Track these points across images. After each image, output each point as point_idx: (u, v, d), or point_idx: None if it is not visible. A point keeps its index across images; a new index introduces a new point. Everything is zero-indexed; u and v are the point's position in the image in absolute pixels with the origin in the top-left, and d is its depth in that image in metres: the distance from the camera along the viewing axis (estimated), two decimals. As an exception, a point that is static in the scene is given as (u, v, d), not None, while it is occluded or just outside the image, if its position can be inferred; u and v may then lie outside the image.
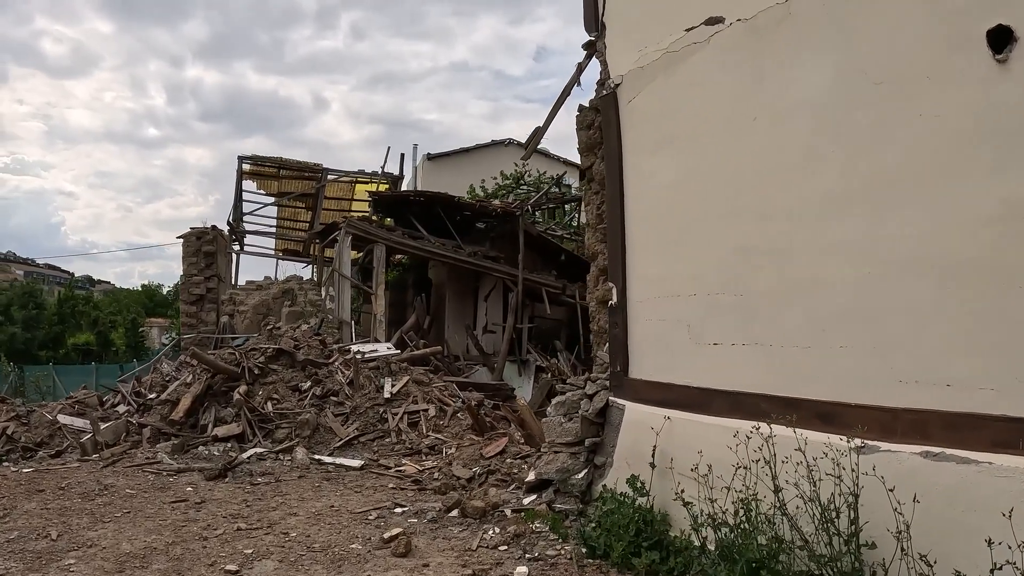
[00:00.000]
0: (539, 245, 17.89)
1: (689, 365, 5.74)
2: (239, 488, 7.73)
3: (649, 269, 6.16)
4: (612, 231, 6.57)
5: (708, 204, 5.69)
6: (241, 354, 11.38)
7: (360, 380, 10.87)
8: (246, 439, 9.99)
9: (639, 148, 6.46)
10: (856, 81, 4.79)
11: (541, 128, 8.11)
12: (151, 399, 11.69)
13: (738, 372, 5.37)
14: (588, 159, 7.44)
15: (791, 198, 5.11)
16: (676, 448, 5.58)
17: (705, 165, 5.76)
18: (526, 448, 8.47)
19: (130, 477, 8.29)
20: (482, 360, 16.26)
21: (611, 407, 6.34)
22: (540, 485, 6.52)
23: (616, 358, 6.38)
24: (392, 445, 9.75)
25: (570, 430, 6.36)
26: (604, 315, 6.76)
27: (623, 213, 6.46)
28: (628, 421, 6.15)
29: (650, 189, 6.27)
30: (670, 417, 5.67)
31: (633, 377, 6.24)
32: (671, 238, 5.99)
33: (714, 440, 5.27)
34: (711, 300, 5.59)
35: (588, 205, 7.35)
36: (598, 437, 6.39)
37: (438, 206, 16.88)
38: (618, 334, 6.35)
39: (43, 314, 44.21)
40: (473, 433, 9.70)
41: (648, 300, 6.15)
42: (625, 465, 6.09)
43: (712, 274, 5.59)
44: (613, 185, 6.61)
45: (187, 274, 17.43)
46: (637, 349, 6.24)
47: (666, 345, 5.95)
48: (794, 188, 5.11)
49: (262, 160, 19.23)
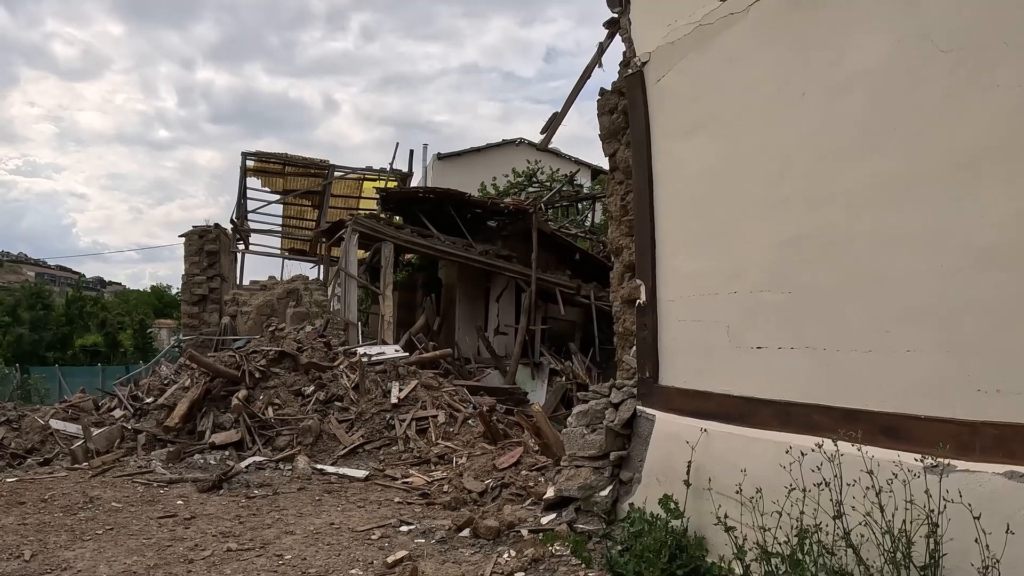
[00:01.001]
0: (553, 244, 17.30)
1: (729, 371, 5.14)
2: (233, 501, 7.17)
3: (682, 264, 5.56)
4: (640, 223, 5.97)
5: (750, 191, 5.09)
6: (242, 357, 10.83)
7: (366, 384, 10.30)
8: (245, 446, 9.45)
9: (669, 132, 5.86)
10: (920, 49, 4.20)
11: (559, 114, 7.53)
12: (148, 403, 11.15)
13: (786, 379, 4.77)
14: (611, 146, 6.85)
15: (848, 182, 4.51)
16: (715, 464, 4.99)
17: (746, 148, 5.17)
18: (542, 459, 7.87)
19: (118, 488, 7.74)
20: (494, 363, 15.68)
21: (639, 417, 5.74)
22: (560, 503, 5.92)
23: (645, 363, 5.78)
24: (399, 453, 9.18)
25: (593, 442, 5.76)
26: (630, 315, 6.16)
27: (652, 203, 5.87)
28: (658, 433, 5.55)
29: (683, 176, 5.67)
30: (707, 429, 5.07)
31: (664, 384, 5.64)
32: (707, 230, 5.39)
33: (760, 456, 4.70)
34: (754, 298, 4.99)
35: (611, 196, 6.76)
36: (624, 450, 5.79)
37: (448, 204, 16.31)
38: (647, 336, 5.76)
39: (51, 315, 43.97)
40: (485, 441, 9.12)
41: (681, 299, 5.55)
42: (655, 482, 5.50)
43: (755, 269, 5.00)
44: (641, 173, 6.02)
45: (189, 273, 16.89)
46: (669, 353, 5.63)
47: (702, 349, 5.35)
48: (851, 171, 4.51)
49: (267, 156, 18.63)
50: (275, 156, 18.71)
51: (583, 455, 5.81)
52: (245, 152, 18.24)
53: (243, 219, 19.05)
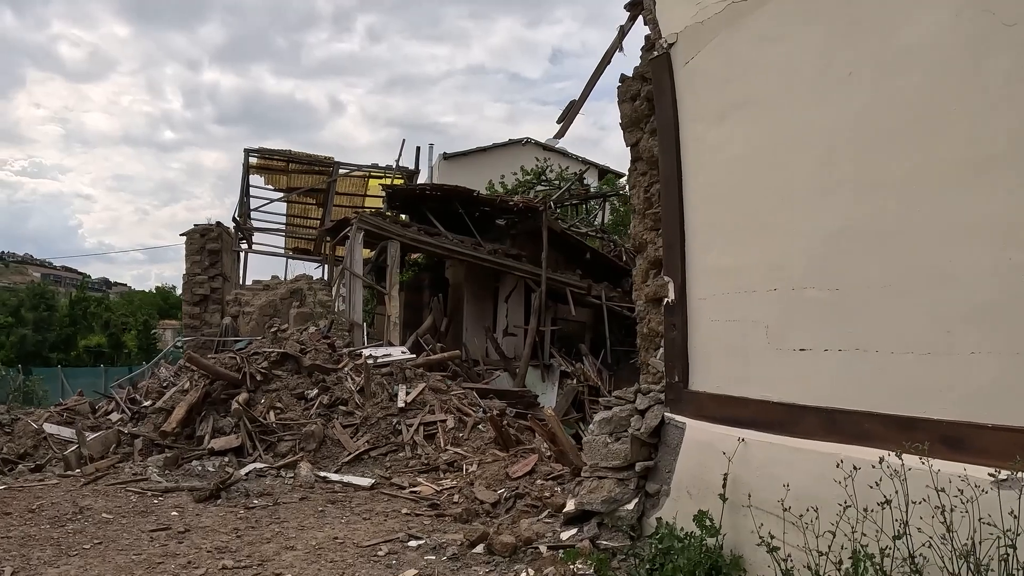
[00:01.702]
0: (563, 243, 16.86)
1: (768, 375, 4.72)
2: (231, 512, 6.76)
3: (715, 260, 5.14)
4: (668, 216, 5.55)
5: (792, 179, 4.67)
6: (243, 358, 10.43)
7: (372, 387, 9.88)
8: (245, 452, 9.04)
9: (700, 117, 5.44)
10: (982, 22, 3.80)
11: (577, 103, 7.10)
12: (146, 407, 10.76)
13: (833, 384, 4.36)
14: (633, 135, 6.43)
15: (904, 168, 4.09)
16: (754, 477, 4.56)
17: (787, 133, 4.75)
18: (557, 467, 7.45)
19: (110, 498, 7.34)
20: (503, 365, 15.24)
21: (667, 425, 5.31)
22: (581, 517, 5.50)
23: (673, 366, 5.35)
24: (406, 460, 8.76)
25: (617, 452, 5.33)
26: (657, 315, 5.74)
27: (681, 194, 5.44)
28: (689, 442, 5.12)
29: (715, 165, 5.25)
30: (744, 439, 4.64)
31: (695, 389, 5.21)
32: (743, 222, 4.96)
33: (805, 469, 4.28)
34: (797, 296, 4.57)
35: (634, 188, 6.34)
36: (651, 460, 5.36)
37: (456, 201, 15.88)
38: (676, 338, 5.33)
39: (54, 316, 43.64)
40: (496, 447, 8.69)
41: (714, 297, 5.13)
42: (686, 495, 5.07)
43: (798, 264, 4.57)
44: (668, 162, 5.60)
45: (190, 273, 16.47)
46: (700, 356, 5.21)
47: (738, 351, 4.92)
48: (908, 155, 4.09)
49: (270, 153, 18.18)
50: (278, 153, 18.25)
51: (606, 465, 5.38)
52: (248, 149, 17.81)
53: (246, 217, 18.61)
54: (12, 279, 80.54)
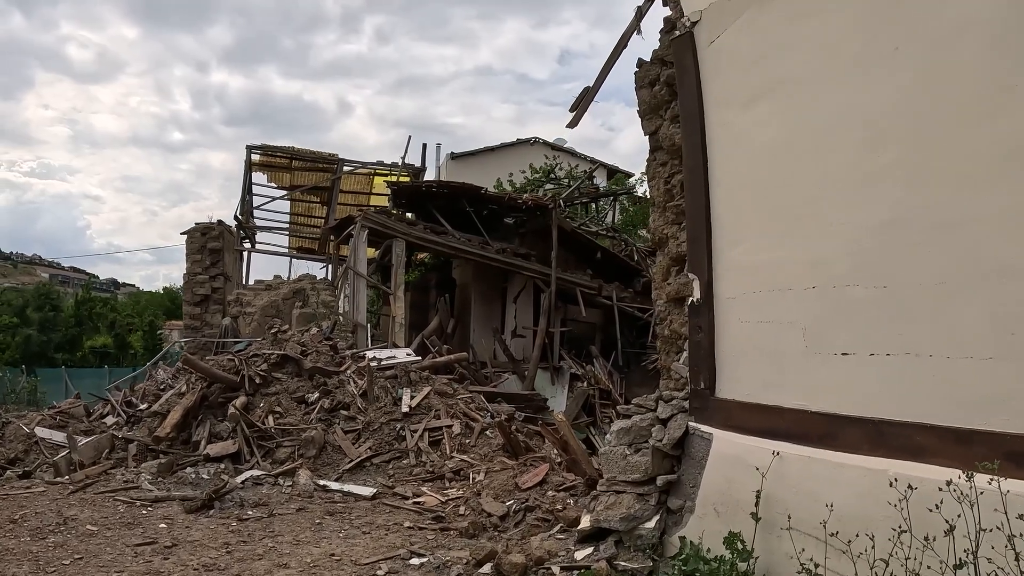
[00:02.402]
0: (572, 242, 16.42)
1: (805, 382, 4.29)
2: (223, 524, 6.36)
3: (745, 255, 4.70)
4: (693, 208, 5.12)
5: (832, 167, 4.24)
6: (241, 360, 10.04)
7: (375, 391, 9.48)
8: (242, 459, 8.64)
9: (727, 101, 5.01)
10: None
11: (591, 89, 6.68)
12: (141, 410, 10.38)
13: (880, 392, 3.93)
14: (652, 123, 6.00)
15: (960, 152, 3.67)
16: (791, 495, 4.13)
17: (826, 116, 4.32)
18: (570, 476, 7.03)
19: (98, 507, 6.95)
20: (511, 367, 14.81)
21: (692, 436, 4.88)
22: (597, 534, 5.07)
23: (699, 372, 4.92)
24: (410, 468, 8.35)
25: (637, 465, 4.90)
26: (679, 316, 5.31)
27: (707, 185, 5.01)
28: (717, 455, 4.69)
29: (745, 152, 4.82)
30: (780, 452, 4.22)
31: (722, 397, 4.78)
32: (777, 214, 4.53)
33: (850, 487, 3.86)
34: (839, 294, 4.14)
35: (653, 180, 5.91)
36: (673, 474, 4.93)
37: (463, 199, 15.45)
38: (702, 341, 4.90)
39: (60, 316, 43.44)
40: (505, 455, 8.27)
41: (744, 296, 4.70)
42: (712, 512, 4.64)
43: (840, 259, 4.14)
44: (693, 150, 5.17)
45: (191, 272, 16.09)
46: (729, 360, 4.77)
47: (771, 355, 4.49)
48: (964, 138, 3.67)
49: (273, 150, 17.77)
50: (281, 150, 17.83)
51: (625, 479, 4.95)
52: (250, 145, 17.38)
53: (248, 216, 18.21)
54: (20, 280, 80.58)
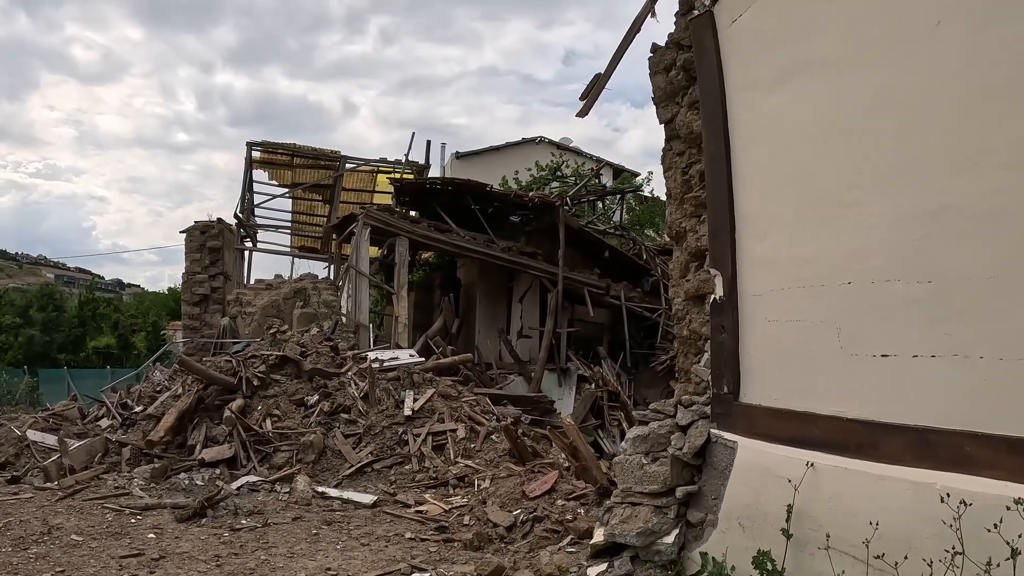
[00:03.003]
0: (580, 240, 16.07)
1: (841, 387, 3.94)
2: (215, 534, 6.02)
3: (773, 249, 4.36)
4: (714, 199, 4.77)
5: (869, 152, 3.90)
6: (239, 362, 9.71)
7: (376, 394, 9.14)
8: (239, 464, 8.32)
9: (750, 84, 4.66)
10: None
11: (603, 76, 6.33)
12: (137, 412, 10.07)
13: (925, 398, 3.58)
14: (668, 110, 5.66)
15: (1017, 132, 3.32)
16: (825, 510, 3.79)
17: (861, 96, 3.97)
18: (580, 484, 6.68)
19: (85, 515, 6.63)
20: (517, 369, 14.46)
21: (714, 444, 4.53)
22: (611, 549, 4.73)
23: (721, 375, 4.57)
24: (413, 474, 8.01)
25: (655, 475, 4.56)
26: (699, 315, 4.96)
27: (730, 174, 4.66)
28: (742, 465, 4.34)
29: (771, 137, 4.47)
30: (814, 463, 3.87)
31: (747, 402, 4.43)
32: (808, 203, 4.18)
33: (892, 501, 3.51)
34: (878, 290, 3.79)
35: (670, 170, 5.57)
36: (693, 484, 4.59)
37: (468, 197, 15.11)
38: (725, 341, 4.55)
39: (63, 317, 43.22)
40: (511, 460, 7.92)
41: (772, 293, 4.35)
42: (736, 527, 4.30)
43: (880, 252, 3.79)
44: (714, 136, 4.82)
45: (190, 272, 15.77)
46: (754, 362, 4.42)
47: (802, 357, 4.14)
48: (1018, 116, 3.32)
49: (274, 146, 17.45)
50: (282, 146, 17.49)
51: (641, 490, 4.61)
52: (250, 142, 17.07)
53: (249, 214, 17.88)
54: (25, 280, 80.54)
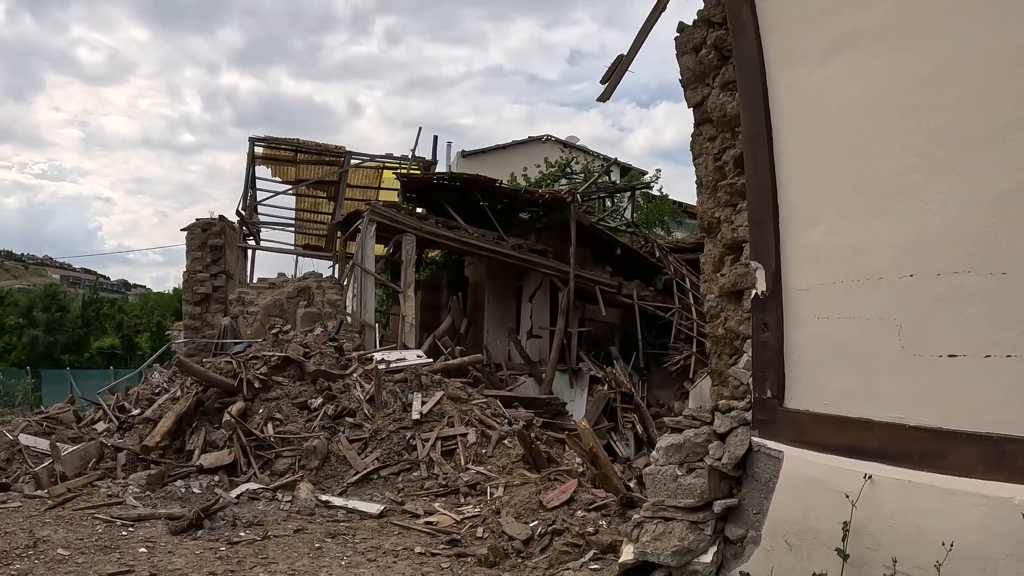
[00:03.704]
0: (591, 238, 15.65)
1: (902, 390, 3.53)
2: (211, 548, 5.63)
3: (823, 239, 3.94)
4: (756, 185, 4.36)
5: (934, 129, 3.48)
6: (240, 363, 9.33)
7: (383, 396, 8.75)
8: (239, 470, 7.93)
9: (795, 59, 4.25)
10: None
11: (625, 58, 5.92)
12: (134, 416, 9.70)
13: (999, 402, 3.19)
14: (697, 92, 5.26)
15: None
16: (886, 527, 3.38)
17: (923, 69, 3.56)
18: (600, 494, 6.27)
19: (74, 526, 6.24)
20: (528, 370, 14.06)
21: (756, 453, 4.12)
22: (642, 568, 4.32)
23: (764, 378, 4.16)
24: (421, 481, 7.62)
25: (691, 488, 4.15)
26: (737, 312, 4.55)
27: (772, 157, 4.25)
28: (789, 477, 3.93)
29: (819, 117, 4.06)
30: (872, 476, 3.46)
31: (794, 408, 4.02)
32: (864, 187, 3.77)
33: (965, 518, 3.12)
34: (945, 283, 3.38)
35: (700, 157, 5.16)
36: (732, 497, 4.18)
37: (476, 193, 14.71)
38: (768, 340, 4.14)
39: (66, 317, 42.87)
40: (525, 467, 7.52)
41: (822, 287, 3.94)
42: (783, 545, 3.89)
43: (946, 240, 3.39)
44: (753, 117, 4.41)
45: (191, 270, 15.38)
46: (802, 364, 4.01)
47: (856, 357, 3.73)
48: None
49: (277, 142, 17.05)
50: (286, 142, 17.08)
51: (675, 504, 4.20)
52: (253, 137, 16.65)
53: (252, 211, 17.47)
54: (31, 281, 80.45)
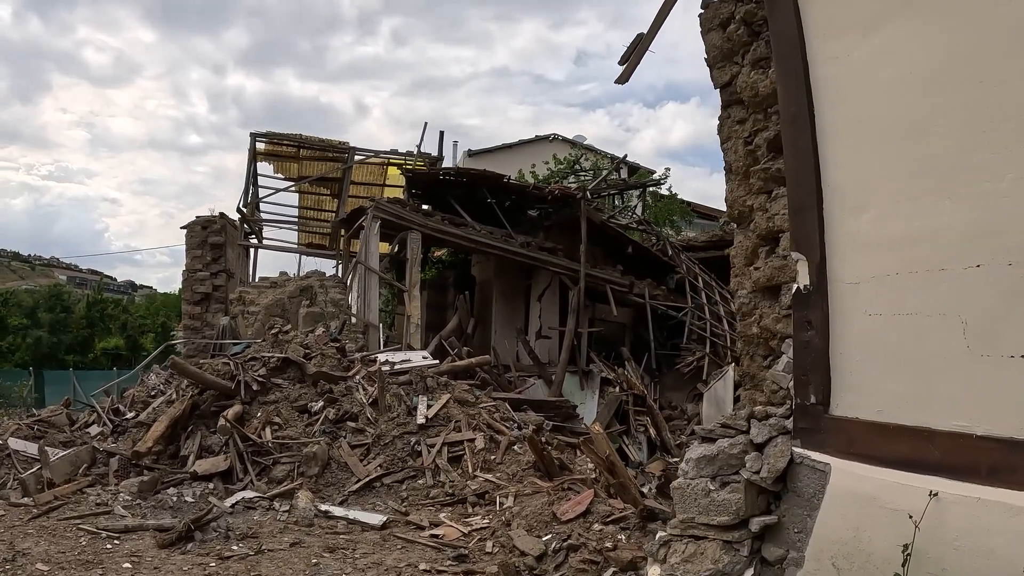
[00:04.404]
0: (601, 236, 15.24)
1: (968, 395, 3.12)
2: (200, 564, 5.24)
3: (875, 226, 3.53)
4: (796, 168, 3.94)
5: (1005, 102, 3.07)
6: (237, 365, 8.94)
7: (386, 399, 8.35)
8: (235, 477, 7.54)
9: (838, 29, 3.84)
10: None
11: (645, 36, 5.52)
12: (128, 419, 9.32)
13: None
14: (725, 72, 4.87)
15: None
16: (954, 551, 2.98)
17: (992, 34, 3.16)
18: (617, 505, 5.87)
19: (58, 538, 5.87)
20: (537, 371, 13.65)
21: (798, 466, 3.71)
22: (670, 591, 3.92)
23: (807, 381, 3.75)
24: (427, 489, 7.22)
25: (725, 504, 3.74)
26: (772, 309, 4.14)
27: (815, 137, 3.84)
28: (837, 492, 3.52)
29: (867, 91, 3.65)
30: (937, 493, 3.06)
31: (841, 415, 3.61)
32: (921, 168, 3.36)
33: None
34: (1018, 275, 2.97)
35: (729, 141, 4.77)
36: (770, 514, 3.77)
37: (484, 189, 14.31)
38: (812, 340, 3.73)
39: (71, 318, 42.70)
40: (536, 474, 7.13)
41: (874, 279, 3.52)
42: (830, 569, 3.48)
43: (1020, 226, 2.98)
44: (793, 93, 4.00)
45: (190, 269, 15.00)
46: (850, 365, 3.60)
47: (915, 358, 3.32)
48: None
49: (279, 137, 16.65)
50: (288, 137, 16.66)
51: (707, 522, 3.79)
52: (254, 133, 16.23)
53: (253, 208, 17.07)
54: (38, 282, 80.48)
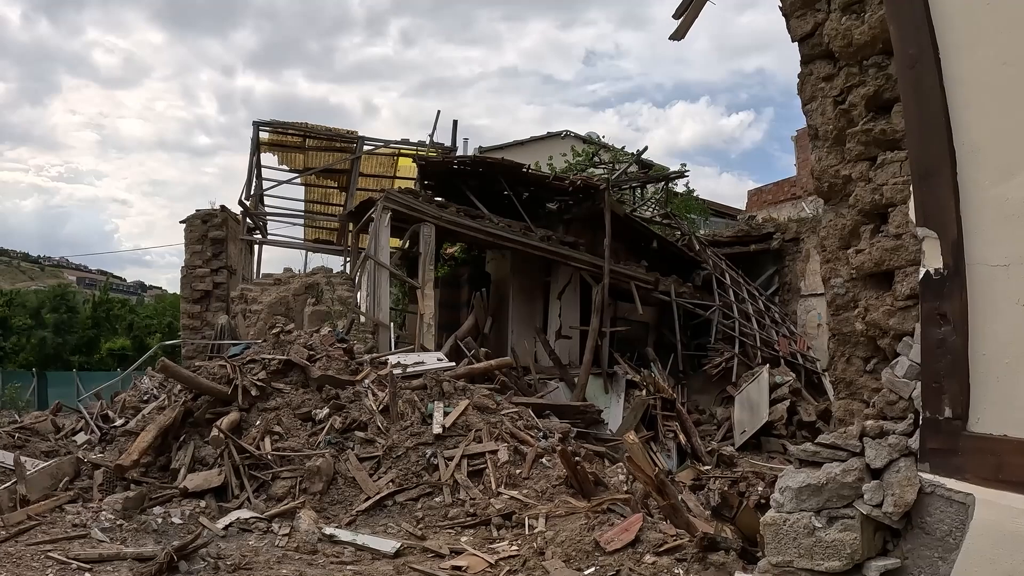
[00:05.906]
0: (624, 230, 14.43)
1: None
2: (184, 603, 4.49)
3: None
4: (920, 124, 3.12)
5: None
6: (235, 368, 8.19)
7: (399, 406, 7.58)
8: (229, 493, 6.80)
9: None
10: None
11: (702, -13, 4.74)
12: (117, 426, 8.61)
13: None
14: (805, 21, 4.07)
15: None
16: None
17: None
18: (669, 531, 5.07)
19: (22, 568, 5.12)
20: (558, 373, 12.84)
21: (928, 497, 2.91)
22: (760, 655, 3.13)
23: (940, 390, 2.94)
24: (445, 508, 6.45)
25: (836, 546, 2.94)
26: (880, 300, 3.34)
27: (942, 85, 3.04)
28: (984, 531, 2.72)
29: (1015, 23, 2.85)
30: None
31: (985, 433, 2.81)
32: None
33: None
34: None
35: (813, 102, 3.97)
36: (890, 556, 2.98)
37: (501, 180, 13.49)
38: (947, 338, 2.92)
39: (76, 318, 42.15)
40: (568, 492, 6.35)
41: (1037, 260, 2.73)
42: (978, 635, 2.68)
43: None
44: (912, 32, 3.19)
45: (190, 265, 14.25)
46: (998, 369, 2.79)
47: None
48: None
49: (284, 126, 15.82)
50: (293, 126, 15.81)
51: (810, 568, 2.99)
52: (257, 121, 15.38)
53: (257, 201, 16.24)
54: (48, 282, 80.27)
